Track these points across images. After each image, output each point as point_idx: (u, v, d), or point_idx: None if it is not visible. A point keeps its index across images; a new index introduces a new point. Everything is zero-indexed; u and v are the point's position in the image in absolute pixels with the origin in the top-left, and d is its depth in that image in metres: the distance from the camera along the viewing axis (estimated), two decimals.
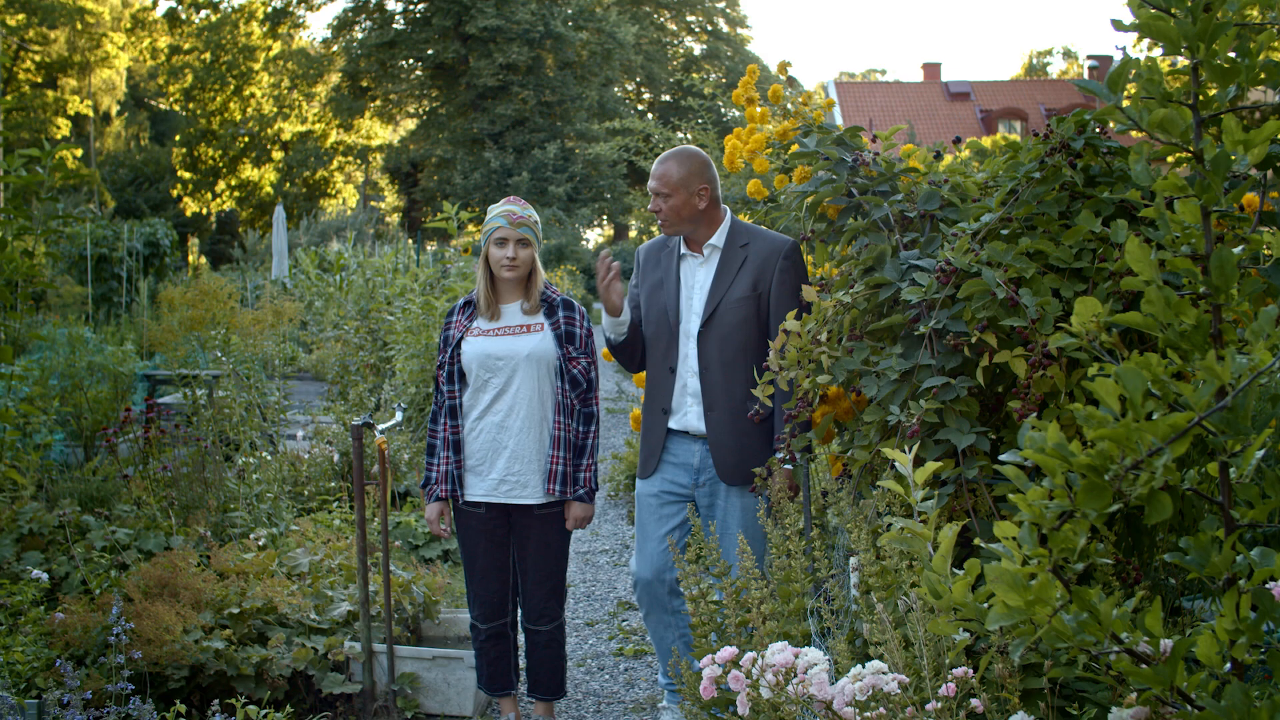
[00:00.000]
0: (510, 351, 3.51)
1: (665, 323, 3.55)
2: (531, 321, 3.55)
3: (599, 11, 38.63)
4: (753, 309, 3.45)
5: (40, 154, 4.47)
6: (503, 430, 3.52)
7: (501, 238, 3.51)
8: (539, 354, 3.51)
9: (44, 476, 5.27)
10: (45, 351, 6.90)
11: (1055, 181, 2.64)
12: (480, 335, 3.55)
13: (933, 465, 2.14)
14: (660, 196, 3.50)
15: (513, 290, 3.58)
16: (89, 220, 13.77)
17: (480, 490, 3.55)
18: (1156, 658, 1.54)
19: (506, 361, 3.51)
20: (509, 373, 3.51)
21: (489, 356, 3.51)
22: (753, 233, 3.52)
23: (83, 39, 34.76)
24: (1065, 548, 1.44)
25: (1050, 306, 2.45)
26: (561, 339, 3.55)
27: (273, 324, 11.80)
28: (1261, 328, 1.47)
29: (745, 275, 3.46)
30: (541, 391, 3.53)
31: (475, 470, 3.55)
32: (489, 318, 3.56)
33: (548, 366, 3.53)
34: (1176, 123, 1.60)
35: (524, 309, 3.56)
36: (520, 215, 3.52)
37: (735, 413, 3.44)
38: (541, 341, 3.53)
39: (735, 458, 3.47)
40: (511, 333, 3.54)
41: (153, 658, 3.58)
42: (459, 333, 3.59)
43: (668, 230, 3.54)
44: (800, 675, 1.86)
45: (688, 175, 3.46)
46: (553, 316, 3.57)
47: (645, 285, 3.66)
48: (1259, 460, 1.59)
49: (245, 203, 40.04)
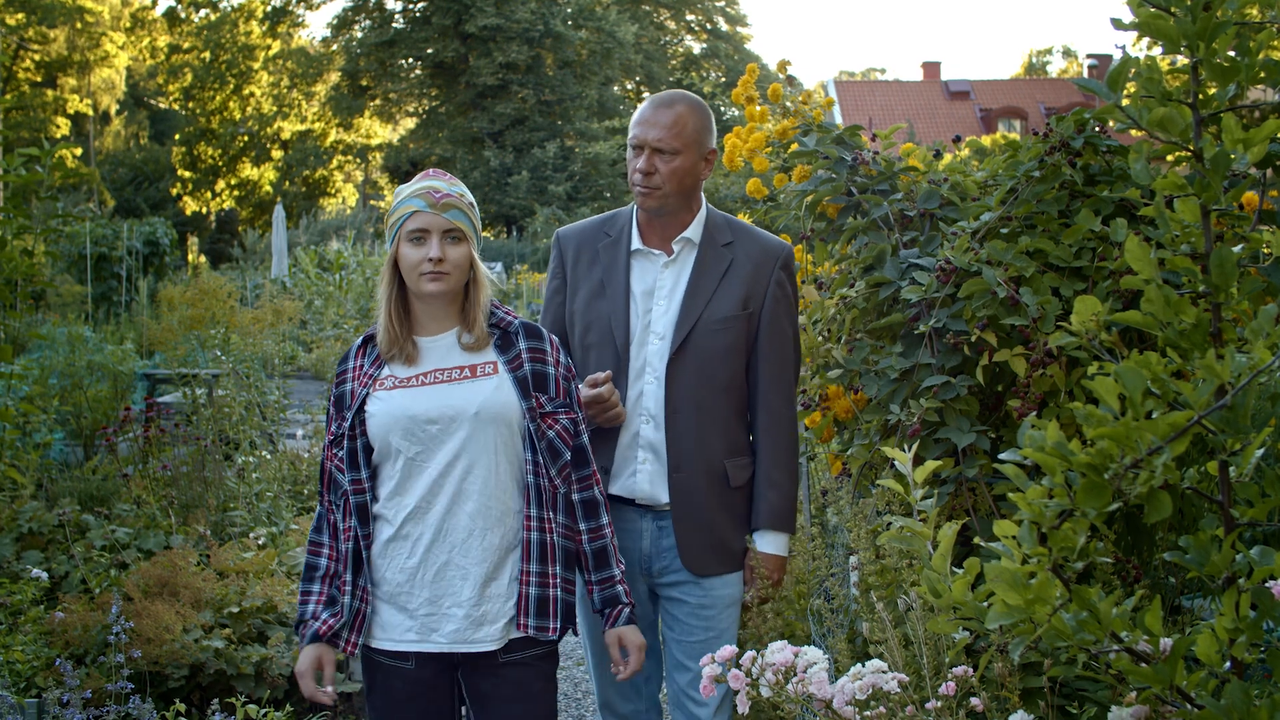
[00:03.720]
0: (447, 408, 2.22)
1: (608, 344, 2.54)
2: (477, 360, 2.27)
3: (599, 10, 38.61)
4: (740, 334, 2.53)
5: (40, 153, 4.47)
6: (441, 537, 2.22)
7: (418, 230, 2.23)
8: (493, 410, 2.23)
9: (44, 475, 5.27)
10: (45, 350, 6.89)
11: (1055, 180, 2.64)
12: (397, 388, 2.25)
13: (932, 464, 2.14)
14: (661, 154, 2.49)
15: (441, 313, 2.29)
16: (88, 219, 13.76)
17: (405, 633, 2.25)
18: (1156, 656, 1.54)
19: (442, 425, 2.21)
20: (447, 442, 2.21)
21: (413, 420, 2.21)
22: (736, 228, 2.63)
23: (82, 38, 34.73)
24: (1065, 546, 1.44)
25: (1050, 305, 2.45)
26: (527, 385, 2.27)
27: (272, 323, 11.80)
28: (1261, 326, 1.47)
29: (732, 286, 2.54)
30: (500, 469, 2.24)
31: (394, 600, 2.25)
32: (404, 360, 2.27)
33: (508, 429, 2.25)
34: (1176, 121, 1.60)
35: (463, 342, 2.28)
36: (447, 193, 2.25)
37: (712, 476, 2.51)
38: (496, 391, 2.24)
39: (707, 539, 2.53)
40: (446, 379, 2.25)
41: (152, 657, 3.58)
42: (361, 387, 2.28)
43: (652, 206, 2.52)
44: (800, 674, 1.86)
45: (701, 129, 2.54)
46: (509, 351, 2.29)
47: (580, 288, 2.62)
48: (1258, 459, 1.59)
49: (245, 202, 40.03)
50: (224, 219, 39.51)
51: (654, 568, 2.56)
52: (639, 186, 2.53)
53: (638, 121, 2.54)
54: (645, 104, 2.57)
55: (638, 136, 2.52)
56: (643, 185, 2.52)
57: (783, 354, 2.59)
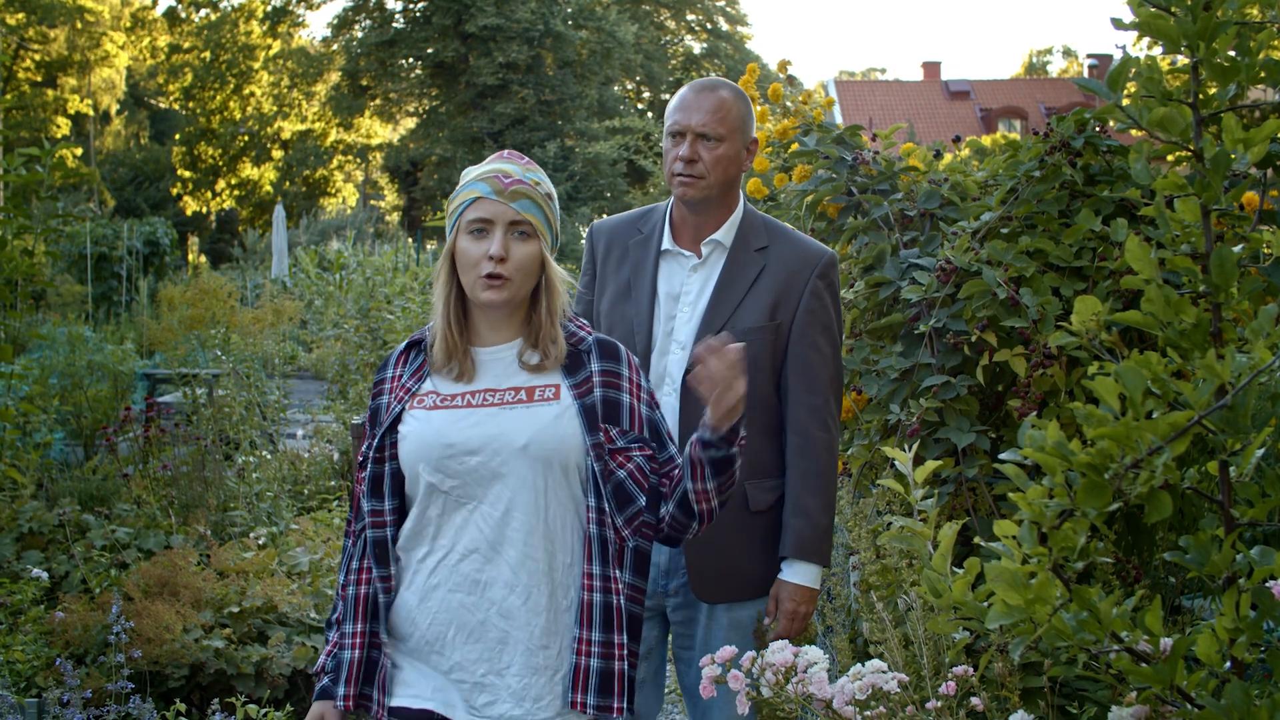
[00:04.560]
0: (491, 438, 1.87)
1: (630, 349, 2.22)
2: (537, 382, 1.91)
3: (599, 10, 38.63)
4: (768, 345, 2.34)
5: (40, 153, 4.47)
6: (477, 591, 1.88)
7: (480, 221, 1.88)
8: (546, 444, 1.87)
9: (44, 475, 5.27)
10: (45, 350, 6.90)
11: (1055, 180, 2.65)
12: (437, 408, 1.91)
13: (933, 464, 2.14)
14: (705, 141, 2.32)
15: (501, 322, 1.94)
16: (89, 219, 13.78)
17: (427, 692, 1.90)
18: (1156, 656, 1.54)
19: (484, 459, 1.86)
20: (488, 479, 1.87)
21: (449, 449, 1.87)
22: (774, 231, 2.42)
23: (82, 38, 34.75)
24: (1065, 546, 1.44)
25: (1050, 305, 2.45)
26: (595, 415, 1.90)
27: (273, 323, 11.80)
28: (1261, 326, 1.47)
29: (761, 294, 2.35)
30: (550, 515, 1.89)
31: (419, 654, 1.92)
32: (453, 374, 1.92)
33: (562, 468, 1.88)
34: (1176, 121, 1.60)
35: (525, 360, 1.92)
36: (519, 179, 1.91)
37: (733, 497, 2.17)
38: (554, 421, 1.88)
39: (719, 563, 2.35)
40: (497, 401, 1.90)
41: (153, 657, 3.58)
42: (397, 402, 1.94)
43: (694, 197, 2.34)
44: (800, 674, 1.86)
45: (745, 116, 2.37)
46: (577, 373, 1.92)
47: (607, 287, 2.48)
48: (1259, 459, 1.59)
49: (245, 201, 40.04)
50: (224, 219, 39.54)
51: (670, 586, 2.39)
52: (681, 176, 2.33)
53: (679, 107, 2.36)
54: (684, 90, 2.40)
55: (679, 122, 2.34)
56: (685, 174, 2.33)
57: (815, 371, 2.35)
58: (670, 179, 2.39)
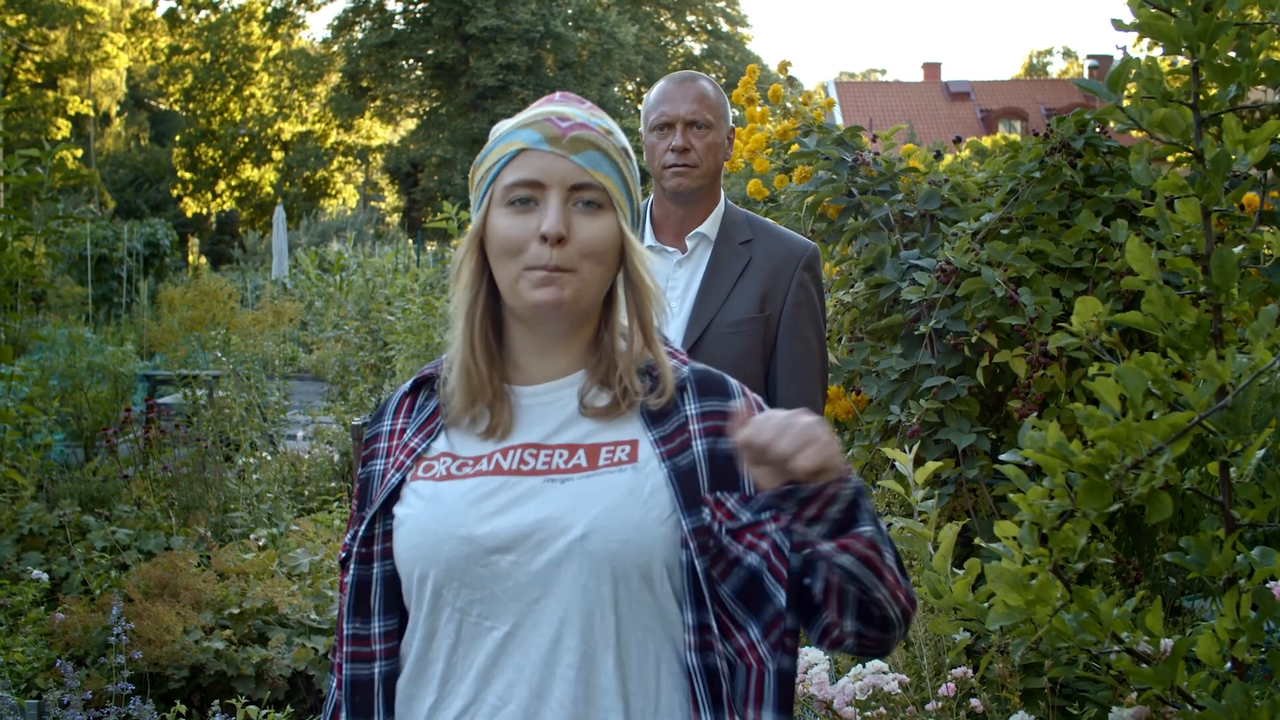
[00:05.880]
0: (534, 529, 1.21)
1: None
2: (608, 438, 1.25)
3: (599, 11, 38.66)
4: (757, 338, 2.35)
5: (40, 154, 4.47)
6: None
7: (526, 185, 1.23)
8: (618, 534, 1.19)
9: (44, 477, 5.27)
10: (45, 352, 6.90)
11: (1055, 181, 2.65)
12: (452, 477, 1.25)
13: (933, 465, 2.14)
14: (695, 128, 2.35)
15: (556, 344, 1.28)
16: (89, 221, 13.78)
17: None
18: (1157, 657, 1.54)
19: (521, 558, 1.20)
20: (530, 593, 1.20)
21: (469, 545, 1.21)
22: (757, 226, 2.46)
23: (83, 39, 34.77)
24: (1066, 547, 1.44)
25: (1050, 306, 2.45)
26: (695, 482, 1.22)
27: (273, 324, 11.80)
28: (1262, 327, 1.47)
29: (749, 286, 2.37)
30: (628, 644, 1.20)
31: None
32: (481, 428, 1.27)
33: (645, 572, 1.20)
34: (1177, 122, 1.60)
35: (589, 402, 1.26)
36: (583, 122, 1.26)
37: None
38: (632, 496, 1.21)
39: None
40: (545, 468, 1.24)
41: (153, 658, 3.58)
42: (397, 469, 1.29)
43: (689, 187, 2.35)
44: (801, 675, 1.86)
45: (724, 104, 2.42)
46: (666, 420, 1.25)
47: None
48: (1259, 460, 1.59)
49: (245, 203, 40.07)
50: (224, 220, 39.56)
51: None
52: (675, 167, 2.33)
53: (662, 100, 2.37)
54: (663, 83, 2.42)
55: (666, 114, 2.36)
56: (679, 164, 2.33)
57: (804, 362, 2.38)
58: (661, 173, 2.38)
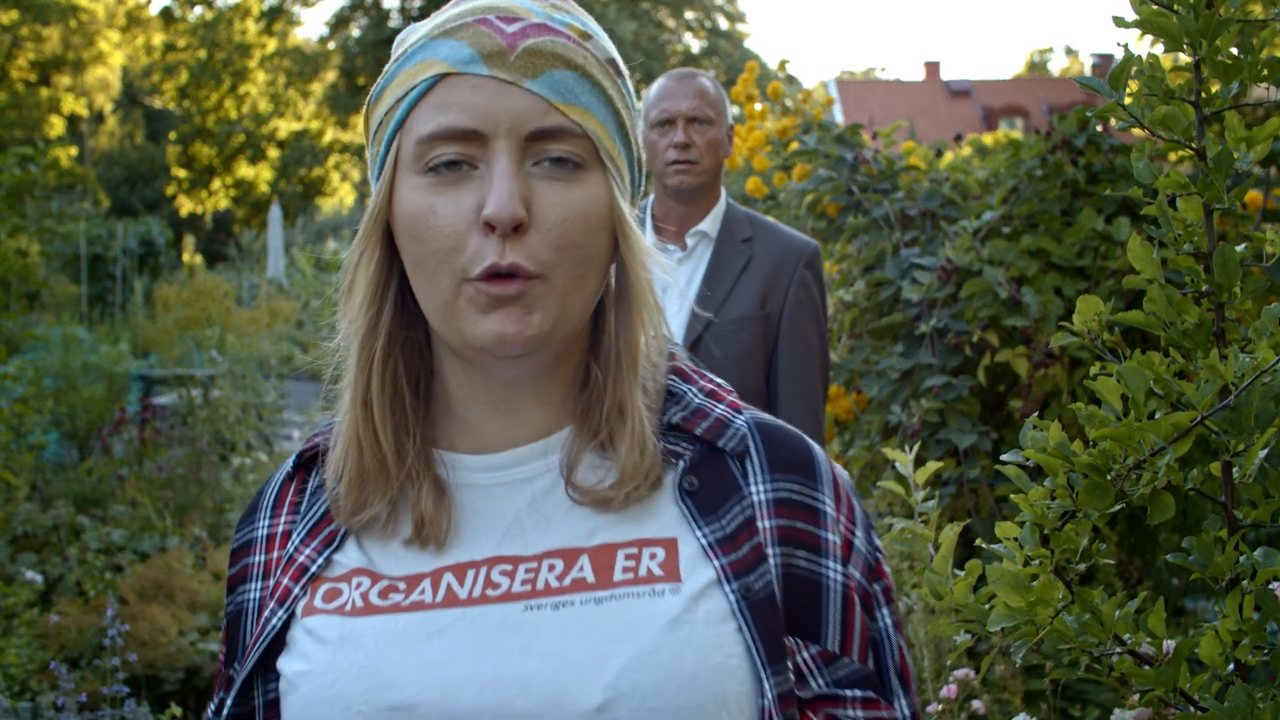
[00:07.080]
0: (518, 693, 0.69)
1: None
2: (628, 534, 0.75)
3: (597, 8, 38.63)
4: (758, 336, 2.36)
5: (34, 152, 4.45)
6: None
7: (452, 134, 0.74)
8: (661, 705, 0.67)
9: (38, 477, 5.25)
10: (39, 351, 6.88)
11: (1057, 179, 2.64)
12: (371, 610, 0.75)
13: (934, 465, 2.13)
14: (696, 124, 2.36)
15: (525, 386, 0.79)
16: (83, 219, 13.74)
17: None
18: (1159, 659, 1.53)
19: None
20: None
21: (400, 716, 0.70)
22: (758, 224, 2.46)
23: (77, 36, 34.70)
24: (1067, 548, 1.43)
25: (1052, 305, 2.44)
26: (775, 619, 0.73)
27: (269, 323, 11.77)
28: (1265, 326, 1.46)
29: (750, 284, 2.38)
30: None
31: None
32: (395, 524, 0.79)
33: None
34: (1179, 120, 1.59)
35: (581, 480, 0.77)
36: (542, 22, 0.75)
37: None
38: (673, 634, 0.70)
39: None
40: (523, 593, 0.73)
41: (148, 660, 3.57)
42: (279, 601, 0.79)
43: (691, 184, 2.36)
44: None
45: (724, 100, 2.45)
46: (723, 507, 0.76)
47: None
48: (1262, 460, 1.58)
49: (241, 201, 40.00)
50: (220, 218, 39.50)
51: None
52: (677, 163, 2.33)
53: (663, 97, 2.37)
54: (664, 80, 2.42)
55: (667, 110, 2.35)
56: (682, 160, 2.33)
57: (804, 361, 2.37)
58: (663, 170, 2.37)
